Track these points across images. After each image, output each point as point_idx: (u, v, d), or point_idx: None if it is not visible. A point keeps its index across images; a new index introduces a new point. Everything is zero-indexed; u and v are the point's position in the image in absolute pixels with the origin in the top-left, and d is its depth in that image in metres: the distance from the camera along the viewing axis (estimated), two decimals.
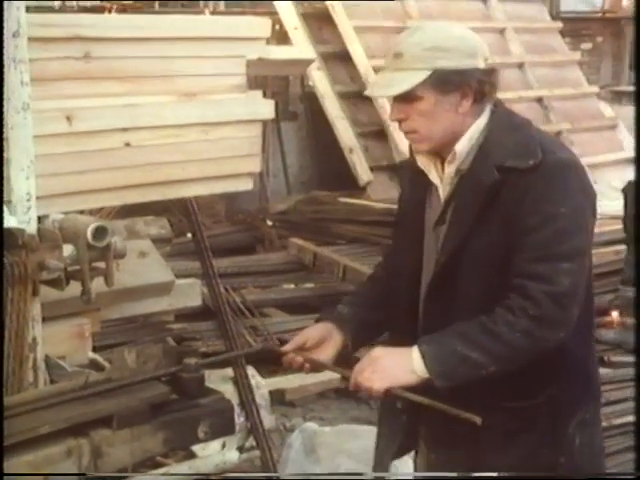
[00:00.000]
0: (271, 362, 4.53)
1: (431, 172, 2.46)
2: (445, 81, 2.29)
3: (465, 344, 2.23)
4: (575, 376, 2.44)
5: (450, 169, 2.41)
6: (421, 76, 2.28)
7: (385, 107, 7.37)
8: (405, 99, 2.33)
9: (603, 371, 5.73)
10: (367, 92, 2.51)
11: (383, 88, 2.41)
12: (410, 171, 2.53)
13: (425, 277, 2.48)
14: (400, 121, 2.39)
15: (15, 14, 2.42)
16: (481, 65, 2.33)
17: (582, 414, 2.47)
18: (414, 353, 2.26)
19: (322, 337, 2.52)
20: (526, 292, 2.23)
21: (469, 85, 2.31)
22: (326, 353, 2.52)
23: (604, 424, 4.86)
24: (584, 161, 9.09)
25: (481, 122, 2.37)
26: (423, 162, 2.45)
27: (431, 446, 2.57)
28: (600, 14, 12.24)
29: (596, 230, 2.59)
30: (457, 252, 2.36)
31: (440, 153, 2.43)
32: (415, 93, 2.30)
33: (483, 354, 2.22)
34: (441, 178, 2.45)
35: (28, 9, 2.50)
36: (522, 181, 2.28)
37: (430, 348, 2.26)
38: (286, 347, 2.52)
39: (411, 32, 2.38)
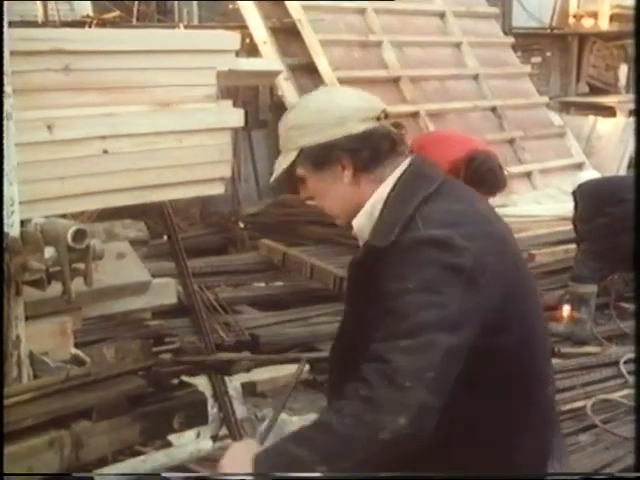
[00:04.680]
0: None
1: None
2: (313, 157, 2.06)
3: (295, 441, 1.87)
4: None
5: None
6: (291, 157, 2.08)
7: None
8: (299, 180, 2.12)
9: (554, 361, 5.78)
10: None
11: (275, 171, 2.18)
12: None
13: None
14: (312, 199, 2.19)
15: None
16: (354, 130, 2.04)
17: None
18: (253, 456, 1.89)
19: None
20: (361, 373, 1.88)
21: (339, 156, 2.05)
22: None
23: None
24: (535, 167, 9.04)
25: (383, 190, 2.09)
26: (355, 230, 2.20)
27: None
28: (549, 30, 12.34)
29: (547, 230, 2.61)
30: (352, 322, 2.16)
31: None
32: (299, 174, 2.10)
33: (311, 450, 1.82)
34: None
35: (11, 24, 2.47)
36: (381, 259, 2.01)
37: (263, 452, 1.89)
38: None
39: (288, 111, 2.18)
